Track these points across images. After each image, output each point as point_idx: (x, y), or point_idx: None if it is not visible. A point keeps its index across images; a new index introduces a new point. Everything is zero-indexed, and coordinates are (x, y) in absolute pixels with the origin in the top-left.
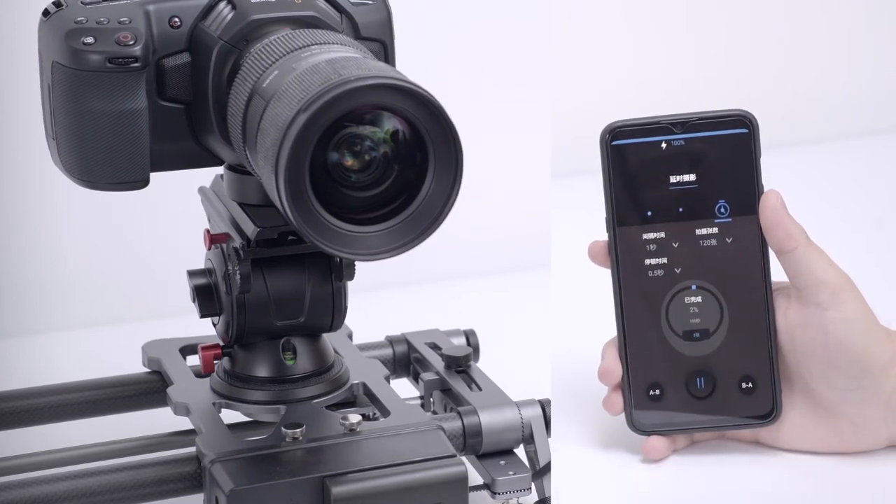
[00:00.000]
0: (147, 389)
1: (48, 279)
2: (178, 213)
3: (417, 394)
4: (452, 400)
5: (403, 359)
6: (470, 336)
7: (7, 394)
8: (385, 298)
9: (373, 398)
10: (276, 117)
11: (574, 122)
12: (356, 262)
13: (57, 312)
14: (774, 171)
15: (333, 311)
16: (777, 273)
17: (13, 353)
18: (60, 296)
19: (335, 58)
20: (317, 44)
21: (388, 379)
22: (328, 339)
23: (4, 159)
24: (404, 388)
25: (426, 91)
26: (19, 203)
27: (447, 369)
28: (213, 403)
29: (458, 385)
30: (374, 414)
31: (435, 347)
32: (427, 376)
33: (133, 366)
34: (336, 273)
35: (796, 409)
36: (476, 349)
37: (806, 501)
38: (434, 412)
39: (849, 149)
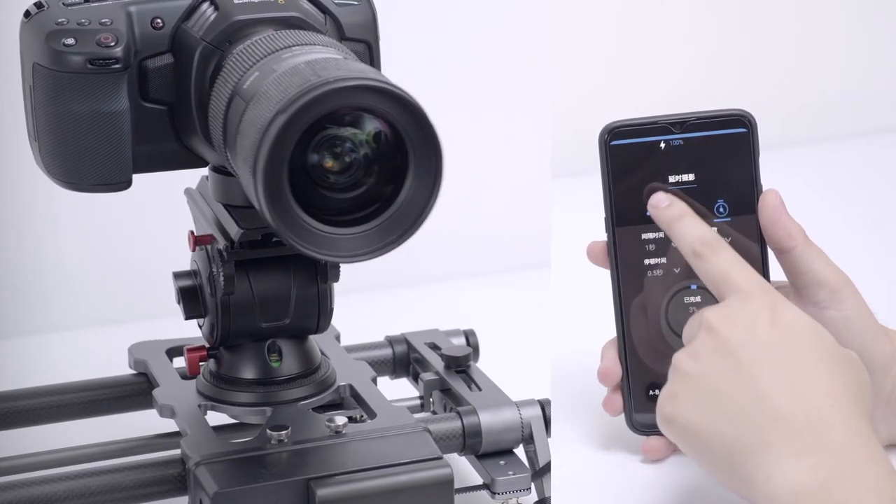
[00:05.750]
0: (133, 391)
1: (45, 280)
2: (177, 214)
3: (417, 394)
4: (452, 400)
5: (403, 359)
6: (470, 336)
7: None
8: (385, 298)
9: (359, 400)
10: (255, 119)
11: (574, 121)
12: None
13: (54, 313)
14: (772, 172)
15: (319, 313)
16: (776, 272)
17: (10, 354)
18: (58, 297)
19: (315, 59)
20: (298, 45)
21: (375, 381)
22: (315, 340)
23: (2, 160)
24: (404, 389)
25: (406, 92)
26: (16, 204)
27: (447, 369)
28: (199, 405)
29: (458, 385)
30: (361, 416)
31: (435, 347)
32: (427, 376)
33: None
34: (321, 275)
35: None
36: (476, 349)
37: None
38: (434, 412)
39: (847, 149)
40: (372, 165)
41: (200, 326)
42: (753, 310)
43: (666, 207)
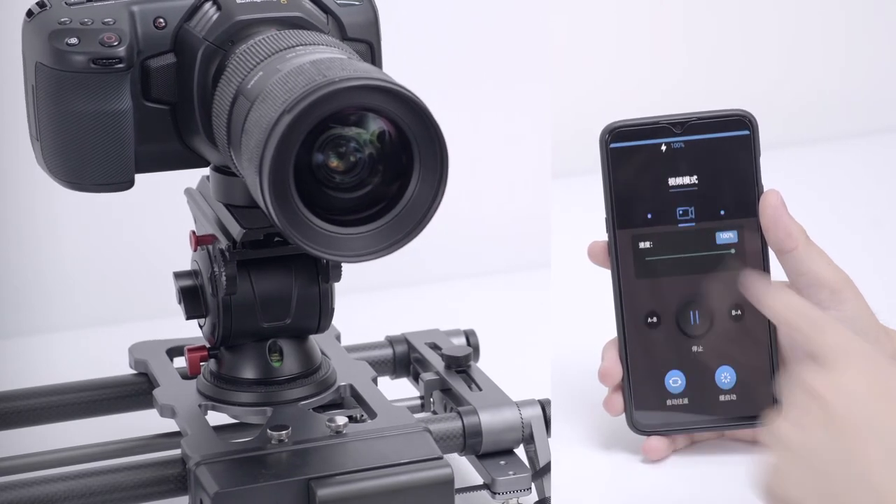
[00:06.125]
0: (133, 391)
1: (45, 280)
2: (177, 214)
3: (417, 394)
4: (452, 400)
5: (403, 359)
6: (470, 336)
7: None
8: (386, 298)
9: (360, 400)
10: (261, 118)
11: (574, 121)
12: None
13: (54, 313)
14: (772, 172)
15: (320, 313)
16: (777, 272)
17: (10, 354)
18: (58, 297)
19: (320, 59)
20: (302, 45)
21: (375, 381)
22: (316, 340)
23: (2, 160)
24: (405, 388)
25: (411, 92)
26: (16, 204)
27: (447, 369)
28: (199, 405)
29: (458, 385)
30: (361, 416)
31: (435, 347)
32: (427, 376)
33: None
34: (323, 274)
35: None
36: (476, 349)
37: None
38: (434, 412)
39: (847, 149)
40: (377, 165)
41: (201, 326)
42: (861, 378)
43: (758, 287)
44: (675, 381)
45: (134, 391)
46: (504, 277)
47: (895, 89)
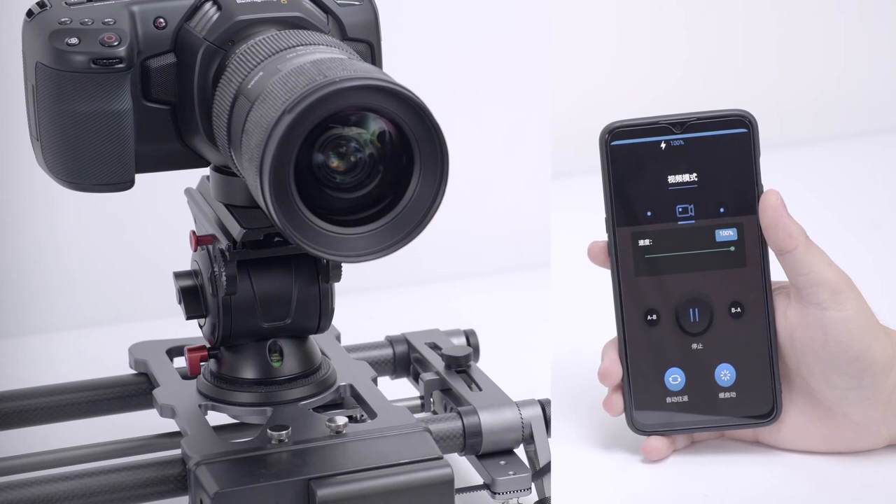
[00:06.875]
0: (133, 391)
1: (45, 280)
2: (177, 214)
3: (417, 394)
4: (452, 400)
5: (403, 359)
6: (470, 336)
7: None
8: (386, 298)
9: (360, 400)
10: (261, 118)
11: (574, 121)
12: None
13: (54, 313)
14: (772, 172)
15: (320, 313)
16: (777, 273)
17: (10, 354)
18: (58, 297)
19: (320, 59)
20: (302, 45)
21: (375, 381)
22: (315, 340)
23: (3, 160)
24: (405, 389)
25: (411, 92)
26: (16, 204)
27: (447, 369)
28: (199, 405)
29: (458, 385)
30: (361, 416)
31: (435, 347)
32: (427, 376)
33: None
34: (323, 274)
35: (796, 409)
36: (476, 349)
37: (805, 501)
38: (434, 412)
39: (847, 149)
40: (377, 165)
41: (201, 326)
42: None
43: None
44: (674, 378)
45: (134, 391)
46: (504, 277)
47: (895, 89)
